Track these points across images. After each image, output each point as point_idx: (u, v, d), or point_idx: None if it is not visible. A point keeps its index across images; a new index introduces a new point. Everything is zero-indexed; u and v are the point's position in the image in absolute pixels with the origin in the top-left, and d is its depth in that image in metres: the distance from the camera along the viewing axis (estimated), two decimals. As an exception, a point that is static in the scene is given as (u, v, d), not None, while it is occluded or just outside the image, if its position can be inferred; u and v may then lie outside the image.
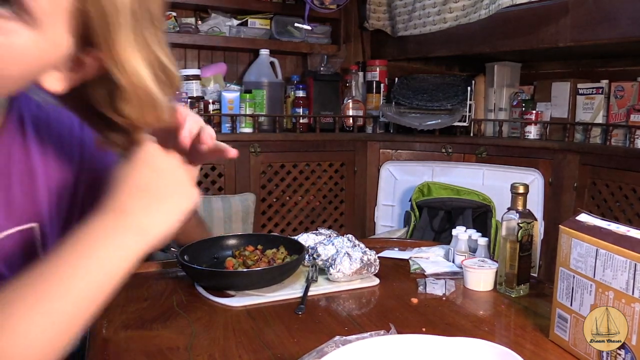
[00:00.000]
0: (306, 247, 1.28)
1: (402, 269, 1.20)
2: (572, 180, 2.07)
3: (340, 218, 2.57)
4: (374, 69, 2.63)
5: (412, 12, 2.41)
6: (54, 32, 0.51)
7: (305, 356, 0.79)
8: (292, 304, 1.12)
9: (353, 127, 2.56)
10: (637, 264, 0.80)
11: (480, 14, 2.07)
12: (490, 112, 2.45)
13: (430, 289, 1.20)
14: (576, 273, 0.92)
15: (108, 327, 1.01)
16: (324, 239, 1.32)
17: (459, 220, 2.12)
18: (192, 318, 1.06)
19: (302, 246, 1.27)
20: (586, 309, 0.89)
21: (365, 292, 1.22)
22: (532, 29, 2.00)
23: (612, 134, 2.01)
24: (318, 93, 2.53)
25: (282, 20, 2.53)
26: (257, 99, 2.35)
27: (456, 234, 1.40)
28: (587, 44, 1.88)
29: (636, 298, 0.80)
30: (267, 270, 1.18)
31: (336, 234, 1.37)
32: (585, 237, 0.90)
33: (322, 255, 1.25)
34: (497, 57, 2.40)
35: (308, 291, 1.16)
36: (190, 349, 0.93)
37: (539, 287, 1.24)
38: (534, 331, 1.02)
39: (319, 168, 2.48)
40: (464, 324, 1.04)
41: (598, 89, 2.11)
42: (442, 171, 2.40)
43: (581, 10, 1.85)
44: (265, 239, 1.37)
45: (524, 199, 1.19)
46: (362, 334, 0.82)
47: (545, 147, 2.17)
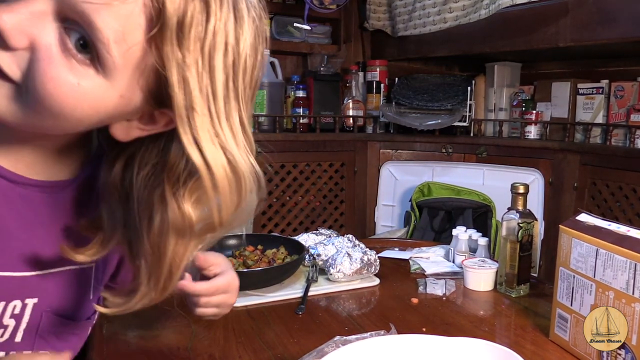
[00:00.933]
0: (306, 247, 1.28)
1: (403, 269, 1.20)
2: (573, 180, 2.07)
3: (341, 218, 2.57)
4: (374, 69, 2.63)
5: (412, 12, 2.41)
6: (124, 85, 0.52)
7: (305, 356, 0.79)
8: (292, 304, 1.12)
9: (353, 127, 2.56)
10: (638, 264, 0.80)
11: (481, 14, 2.07)
12: (491, 112, 2.45)
13: (431, 289, 1.20)
14: (576, 273, 0.92)
15: (108, 328, 1.02)
16: (324, 239, 1.32)
17: (459, 221, 2.12)
18: (192, 318, 1.06)
19: (302, 246, 1.27)
20: (586, 309, 0.89)
21: (365, 292, 1.22)
22: (532, 29, 2.00)
23: (612, 134, 2.01)
24: (318, 93, 2.53)
25: (282, 21, 2.53)
26: (257, 99, 2.36)
27: (456, 234, 1.40)
28: (587, 44, 1.88)
29: (636, 298, 0.80)
30: (267, 270, 1.18)
31: (336, 234, 1.38)
32: (586, 237, 0.90)
33: (322, 255, 1.26)
34: (497, 57, 2.40)
35: (308, 291, 1.17)
36: (191, 349, 0.93)
37: (539, 287, 1.24)
38: (534, 331, 1.02)
39: (319, 168, 2.47)
40: (464, 324, 1.04)
41: (598, 88, 2.11)
42: (443, 171, 2.40)
43: (581, 10, 1.85)
44: (266, 239, 1.37)
45: (524, 199, 1.19)
46: (362, 334, 0.82)
47: (546, 147, 2.17)
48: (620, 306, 0.82)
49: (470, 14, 2.13)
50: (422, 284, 1.23)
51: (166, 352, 0.92)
